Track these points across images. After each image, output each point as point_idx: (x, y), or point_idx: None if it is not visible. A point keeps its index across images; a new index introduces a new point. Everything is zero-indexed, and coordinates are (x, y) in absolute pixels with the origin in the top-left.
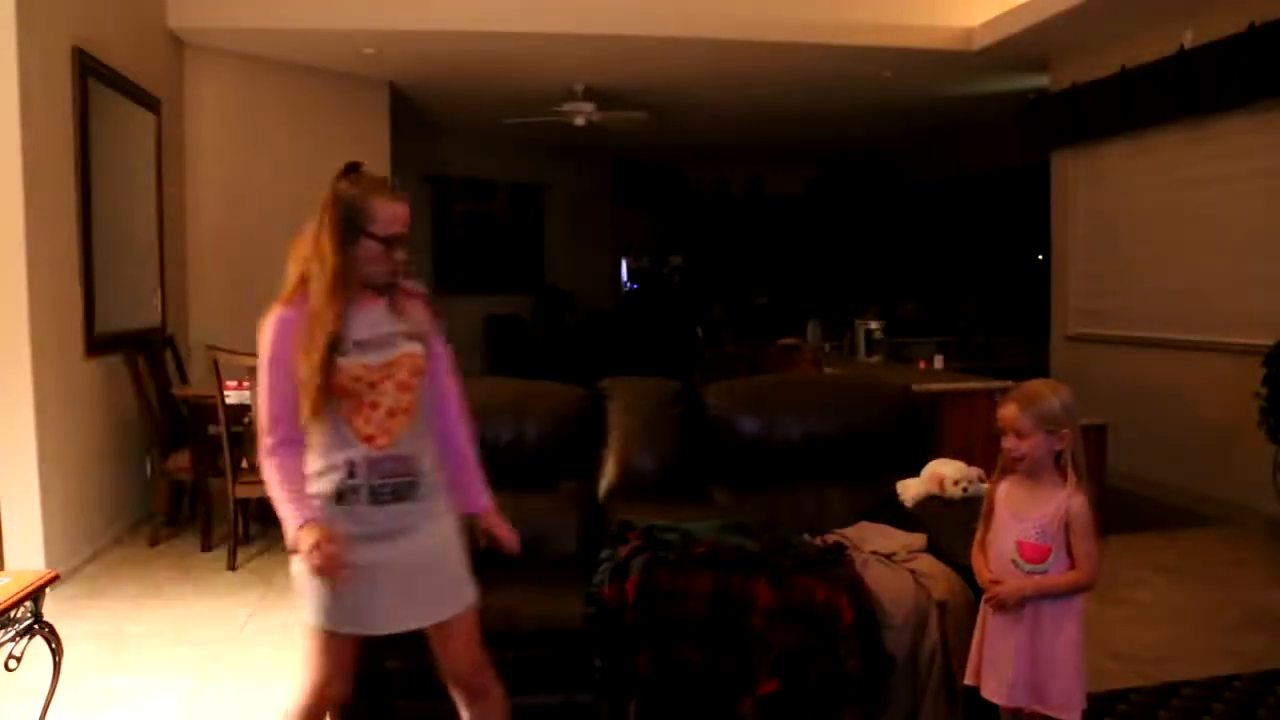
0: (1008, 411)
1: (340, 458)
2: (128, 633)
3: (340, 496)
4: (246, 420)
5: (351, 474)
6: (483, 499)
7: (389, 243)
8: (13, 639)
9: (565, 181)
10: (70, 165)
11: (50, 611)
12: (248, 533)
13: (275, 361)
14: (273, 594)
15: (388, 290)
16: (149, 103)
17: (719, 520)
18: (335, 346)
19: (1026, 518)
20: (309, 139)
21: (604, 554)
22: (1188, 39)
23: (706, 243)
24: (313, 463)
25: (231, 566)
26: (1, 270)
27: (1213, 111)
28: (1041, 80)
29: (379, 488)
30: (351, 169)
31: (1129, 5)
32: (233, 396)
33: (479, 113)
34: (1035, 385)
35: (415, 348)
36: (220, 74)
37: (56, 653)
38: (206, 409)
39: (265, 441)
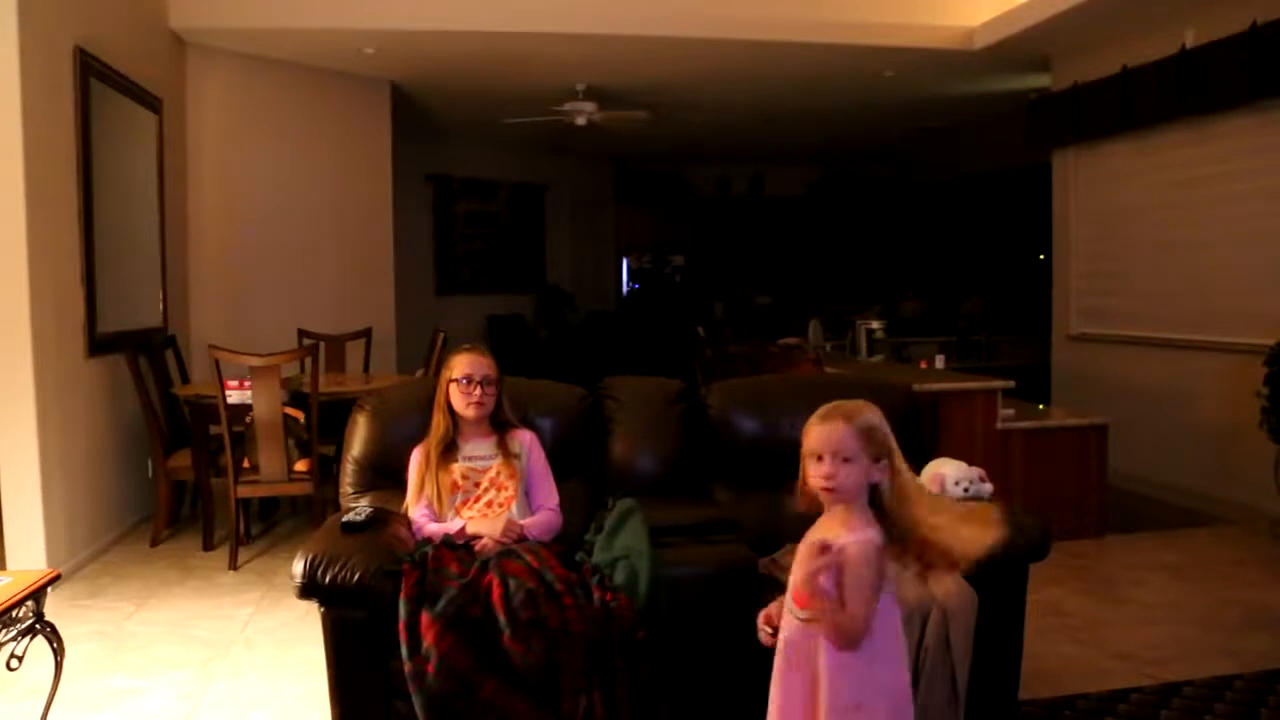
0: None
1: None
2: (129, 632)
3: None
4: (248, 419)
5: None
6: None
7: None
8: (14, 638)
9: (567, 181)
10: (72, 165)
11: (52, 611)
12: (249, 532)
13: None
14: (274, 594)
15: None
16: (150, 102)
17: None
18: None
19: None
20: (311, 139)
21: (588, 535)
22: (1189, 39)
23: (708, 242)
24: None
25: (233, 566)
26: (3, 270)
27: (1214, 111)
28: (1043, 80)
29: None
30: None
31: (1130, 5)
32: (234, 396)
33: (480, 112)
34: (858, 404)
35: None
36: (222, 74)
37: (58, 652)
38: (208, 409)
39: None
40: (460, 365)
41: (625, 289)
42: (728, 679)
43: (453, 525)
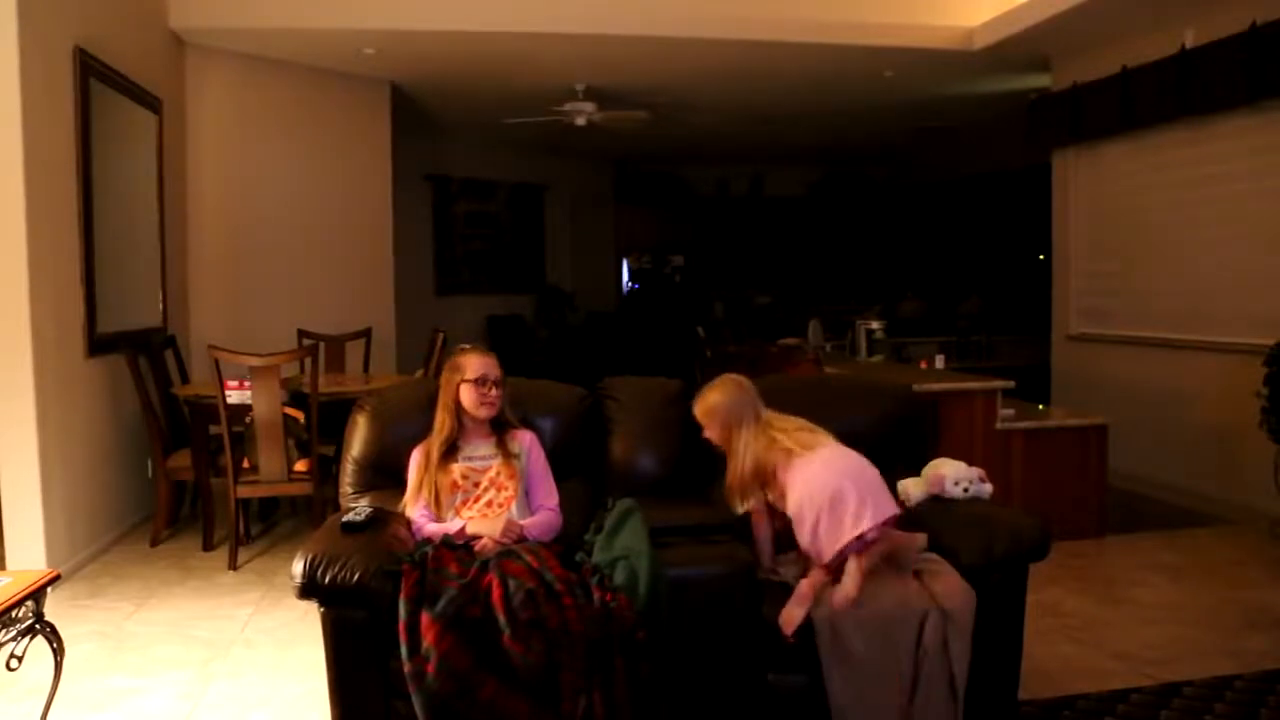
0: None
1: None
2: (129, 632)
3: None
4: (247, 419)
5: None
6: None
7: None
8: (14, 638)
9: (566, 181)
10: (72, 165)
11: (51, 611)
12: (249, 532)
13: None
14: (274, 594)
15: None
16: (150, 102)
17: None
18: None
19: None
20: (310, 139)
21: (588, 535)
22: (1189, 39)
23: (707, 242)
24: None
25: (232, 566)
26: (3, 270)
27: (1214, 111)
28: (1042, 80)
29: None
30: None
31: (1130, 5)
32: (234, 396)
33: (480, 113)
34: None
35: None
36: (222, 74)
37: (58, 652)
38: (208, 409)
39: None
40: (474, 366)
41: (625, 289)
42: (727, 679)
43: (452, 525)
